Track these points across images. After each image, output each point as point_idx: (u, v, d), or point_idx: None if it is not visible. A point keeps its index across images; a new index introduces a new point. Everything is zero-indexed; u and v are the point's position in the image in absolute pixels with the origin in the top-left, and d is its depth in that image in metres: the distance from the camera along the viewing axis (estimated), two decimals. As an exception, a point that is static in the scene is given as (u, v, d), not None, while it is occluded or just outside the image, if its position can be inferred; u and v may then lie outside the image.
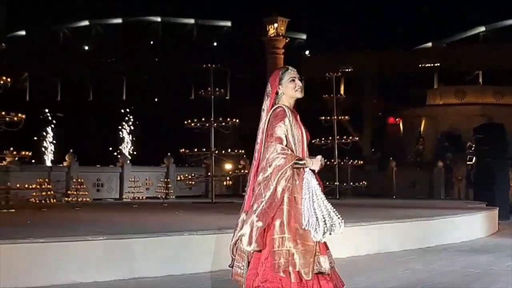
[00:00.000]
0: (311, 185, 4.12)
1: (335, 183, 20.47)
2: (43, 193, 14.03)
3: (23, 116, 12.93)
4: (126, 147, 29.47)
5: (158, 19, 52.02)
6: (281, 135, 4.18)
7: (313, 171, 4.22)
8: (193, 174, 18.50)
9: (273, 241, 4.03)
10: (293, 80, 4.34)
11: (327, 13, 45.16)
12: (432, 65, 42.91)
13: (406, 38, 42.99)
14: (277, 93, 4.33)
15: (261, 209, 4.03)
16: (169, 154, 19.95)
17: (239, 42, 45.69)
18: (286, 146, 4.15)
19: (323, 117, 21.27)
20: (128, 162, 18.81)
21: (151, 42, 52.36)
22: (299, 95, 4.38)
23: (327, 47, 43.32)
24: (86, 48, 51.87)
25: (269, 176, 4.06)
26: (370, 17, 46.07)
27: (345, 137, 21.56)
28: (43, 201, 13.93)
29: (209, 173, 18.26)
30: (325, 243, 4.16)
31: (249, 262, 4.14)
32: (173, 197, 18.38)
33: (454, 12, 44.16)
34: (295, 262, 3.97)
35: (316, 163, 4.21)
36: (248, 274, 4.11)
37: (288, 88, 4.33)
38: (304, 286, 4.00)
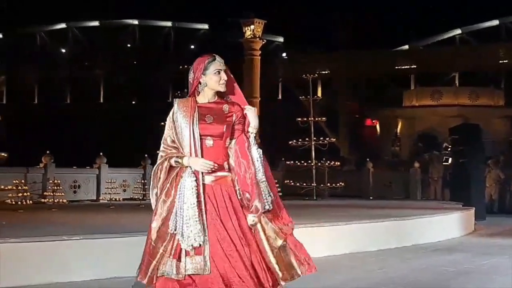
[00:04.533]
0: (184, 186, 3.84)
1: (312, 184, 20.54)
2: (19, 194, 13.92)
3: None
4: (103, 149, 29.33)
5: (136, 21, 51.77)
6: (165, 131, 4.06)
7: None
8: (170, 176, 18.41)
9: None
10: (219, 73, 4.07)
11: (303, 15, 45.32)
12: (408, 66, 43.23)
13: (383, 40, 43.24)
14: (200, 82, 4.09)
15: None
16: (146, 155, 19.87)
17: (216, 44, 45.65)
18: (171, 142, 3.99)
19: (300, 118, 21.33)
20: (105, 163, 18.68)
21: (128, 45, 52.10)
22: (222, 89, 4.08)
23: (303, 48, 43.49)
24: (63, 50, 51.46)
25: (151, 177, 4.05)
26: (347, 18, 46.28)
27: (322, 138, 21.63)
28: (19, 202, 13.82)
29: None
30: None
31: None
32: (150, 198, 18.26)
33: (431, 15, 44.52)
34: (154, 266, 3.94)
35: (195, 162, 3.87)
36: None
37: (212, 81, 4.06)
38: None
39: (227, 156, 3.99)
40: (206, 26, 50.99)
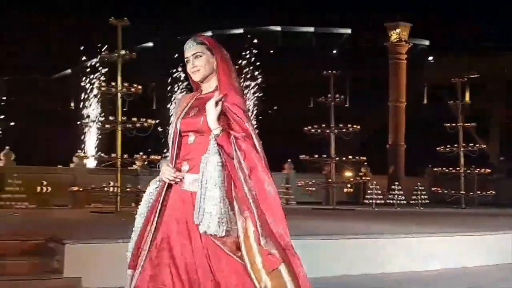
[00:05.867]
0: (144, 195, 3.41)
1: (461, 192, 19.83)
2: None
3: (153, 122, 13.53)
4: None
5: (278, 28, 52.64)
6: None
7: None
8: (313, 181, 18.54)
9: None
10: (188, 61, 3.41)
11: (450, 17, 43.97)
12: None
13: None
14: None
15: None
16: (289, 160, 20.11)
17: (359, 49, 45.37)
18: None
19: (448, 124, 20.69)
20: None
21: (271, 51, 53.03)
22: (195, 78, 3.41)
23: (450, 51, 42.15)
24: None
25: None
26: (495, 20, 44.40)
27: (471, 144, 20.83)
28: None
29: (329, 180, 18.24)
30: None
31: None
32: (294, 203, 18.50)
33: None
34: None
35: (162, 170, 3.30)
36: None
37: (188, 70, 3.44)
38: None
39: None
40: (348, 31, 50.82)
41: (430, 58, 45.75)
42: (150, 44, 53.46)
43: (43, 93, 38.31)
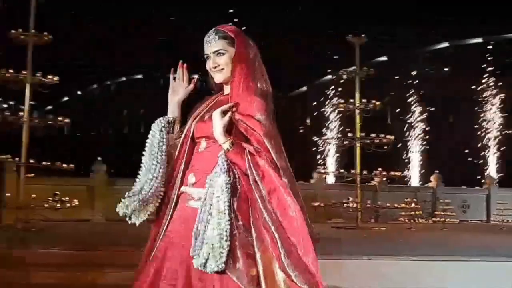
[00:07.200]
0: None
1: None
2: (411, 213, 14.27)
3: (392, 137, 13.46)
4: (493, 169, 28.67)
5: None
6: None
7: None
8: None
9: None
10: (209, 58, 2.90)
11: None
12: None
13: None
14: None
15: None
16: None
17: None
18: None
19: None
20: (495, 184, 18.17)
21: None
22: (216, 78, 2.92)
23: None
24: (446, 69, 51.86)
25: None
26: None
27: None
28: (411, 221, 14.16)
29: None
30: None
31: None
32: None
33: None
34: None
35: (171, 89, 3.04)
36: None
37: (208, 68, 2.95)
38: None
39: None
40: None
41: None
42: (385, 58, 53.35)
43: (283, 110, 40.07)
